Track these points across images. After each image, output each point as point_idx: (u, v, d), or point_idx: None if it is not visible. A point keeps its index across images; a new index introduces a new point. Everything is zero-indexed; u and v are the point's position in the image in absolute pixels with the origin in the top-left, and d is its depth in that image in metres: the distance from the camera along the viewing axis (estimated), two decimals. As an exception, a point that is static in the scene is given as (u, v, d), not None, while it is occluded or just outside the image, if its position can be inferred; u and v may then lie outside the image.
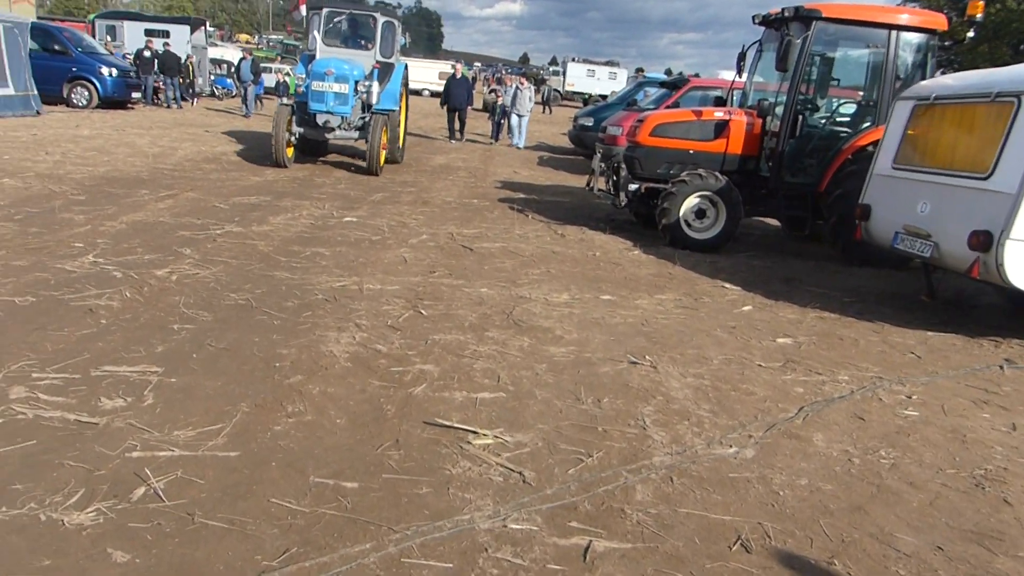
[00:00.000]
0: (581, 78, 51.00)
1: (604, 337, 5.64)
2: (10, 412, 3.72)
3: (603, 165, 10.20)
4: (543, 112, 38.50)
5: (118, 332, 4.91)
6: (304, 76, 13.45)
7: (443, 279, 6.86)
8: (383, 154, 13.10)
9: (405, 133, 16.29)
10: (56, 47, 20.79)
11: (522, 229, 9.44)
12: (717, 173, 9.13)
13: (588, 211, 11.19)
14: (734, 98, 10.98)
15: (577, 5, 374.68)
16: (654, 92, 18.61)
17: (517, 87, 20.82)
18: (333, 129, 12.88)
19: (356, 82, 12.89)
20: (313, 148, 14.58)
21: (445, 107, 20.80)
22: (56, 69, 20.37)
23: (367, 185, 12.06)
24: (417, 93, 27.75)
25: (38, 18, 51.72)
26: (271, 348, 4.86)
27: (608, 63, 54.21)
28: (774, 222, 11.15)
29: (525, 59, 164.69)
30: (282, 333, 5.14)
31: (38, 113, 18.06)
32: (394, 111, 14.01)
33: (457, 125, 20.73)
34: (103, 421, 3.73)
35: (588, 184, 10.15)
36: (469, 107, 20.91)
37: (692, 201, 9.13)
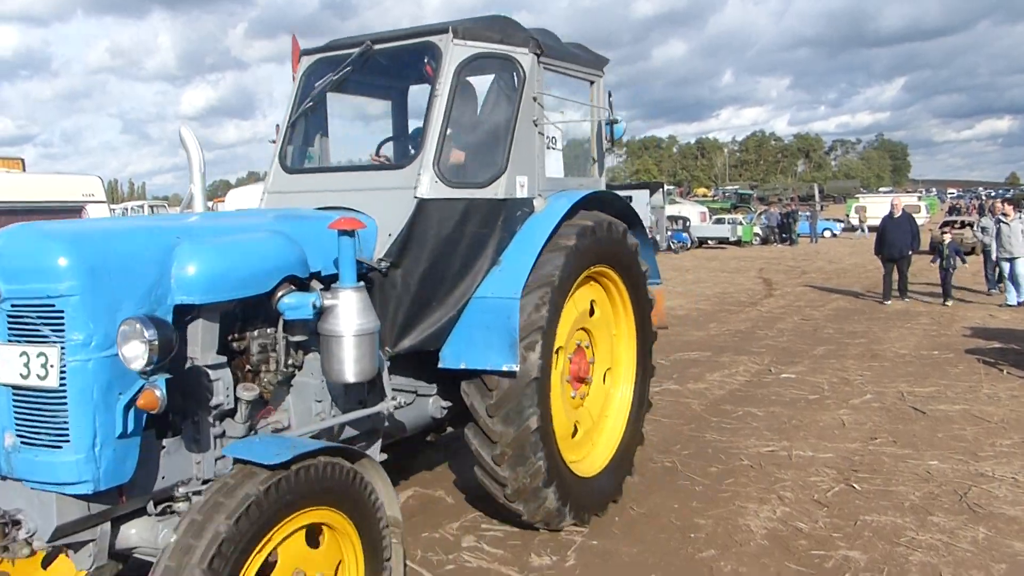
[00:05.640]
0: (1091, 194, 43.03)
1: (1095, 535, 4.54)
2: (461, 559, 4.37)
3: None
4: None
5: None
6: None
7: (885, 447, 6.24)
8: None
9: (643, 399, 5.48)
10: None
11: (992, 387, 8.15)
12: None
13: (1089, 363, 9.23)
14: None
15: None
16: None
17: (1000, 220, 14.89)
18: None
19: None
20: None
21: (880, 256, 15.13)
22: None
23: (812, 337, 11.61)
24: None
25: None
26: (689, 516, 4.92)
27: None
28: None
29: (1014, 179, 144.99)
30: (702, 501, 5.18)
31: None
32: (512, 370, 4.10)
33: (896, 279, 14.88)
34: (530, 578, 4.15)
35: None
36: (912, 253, 14.90)
37: None
